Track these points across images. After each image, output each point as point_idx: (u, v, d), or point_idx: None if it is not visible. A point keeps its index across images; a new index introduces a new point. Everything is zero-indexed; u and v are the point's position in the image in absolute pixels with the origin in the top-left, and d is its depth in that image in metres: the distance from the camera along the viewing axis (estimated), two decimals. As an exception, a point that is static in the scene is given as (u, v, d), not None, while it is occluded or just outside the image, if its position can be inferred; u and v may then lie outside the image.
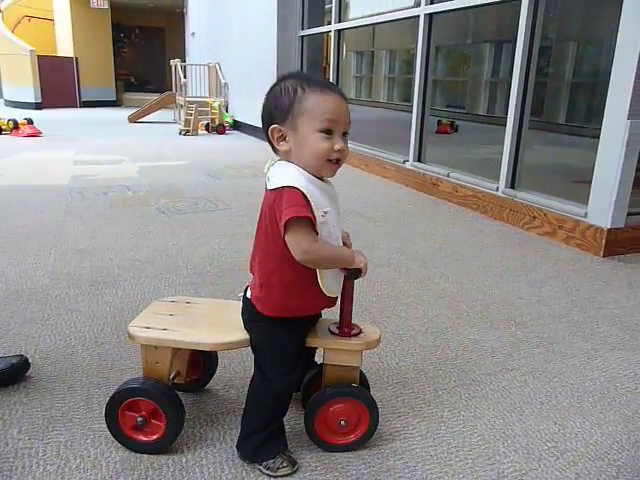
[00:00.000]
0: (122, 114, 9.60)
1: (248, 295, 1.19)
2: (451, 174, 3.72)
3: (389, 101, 13.02)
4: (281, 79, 1.10)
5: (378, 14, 5.24)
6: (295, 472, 1.15)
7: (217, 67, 8.61)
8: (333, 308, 1.20)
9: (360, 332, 1.21)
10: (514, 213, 3.17)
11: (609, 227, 2.62)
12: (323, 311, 1.24)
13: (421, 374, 1.57)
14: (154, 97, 9.56)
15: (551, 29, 9.38)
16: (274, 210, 1.05)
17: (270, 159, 1.15)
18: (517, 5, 3.14)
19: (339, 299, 1.19)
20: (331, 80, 5.63)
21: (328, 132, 1.05)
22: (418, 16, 4.06)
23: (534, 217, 3.03)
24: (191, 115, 7.41)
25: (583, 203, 2.78)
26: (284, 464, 1.14)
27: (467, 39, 11.71)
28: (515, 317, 1.97)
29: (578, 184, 2.84)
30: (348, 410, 1.20)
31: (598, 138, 2.67)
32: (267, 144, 1.14)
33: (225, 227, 3.00)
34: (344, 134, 1.08)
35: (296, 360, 1.17)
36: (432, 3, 3.98)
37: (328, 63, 5.88)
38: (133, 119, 8.98)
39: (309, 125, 1.04)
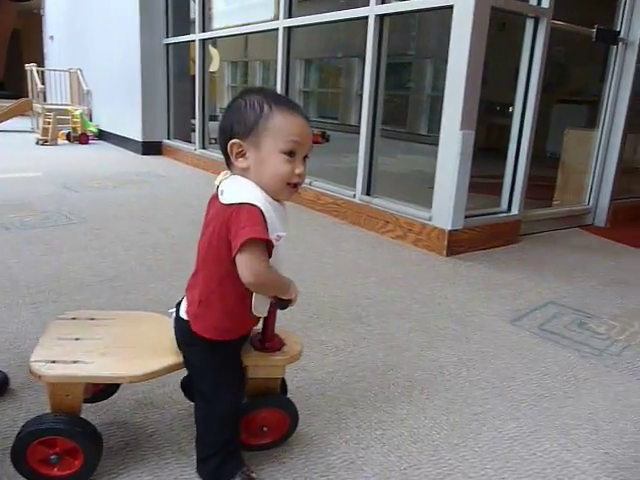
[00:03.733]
0: (-30, 122, 8.73)
1: (182, 314, 1.13)
2: (313, 182, 3.85)
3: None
4: (245, 93, 1.07)
5: (243, 25, 5.29)
6: None
7: (79, 73, 8.15)
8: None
9: (283, 345, 1.21)
10: (370, 218, 3.35)
11: (449, 229, 2.87)
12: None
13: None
14: (8, 104, 8.81)
15: (411, 47, 10.09)
16: (228, 226, 1.00)
17: (223, 172, 1.10)
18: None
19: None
20: (197, 91, 5.58)
21: (291, 154, 1.03)
22: (277, 29, 4.16)
23: (387, 222, 3.23)
24: (49, 124, 6.93)
25: (430, 207, 3.01)
26: None
27: (338, 53, 12.20)
28: (361, 317, 2.08)
29: (432, 190, 3.07)
30: (271, 418, 1.23)
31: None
32: (134, 154, 1.11)
33: (78, 242, 2.84)
34: (304, 158, 1.07)
35: (239, 380, 1.15)
36: (290, 17, 4.10)
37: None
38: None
39: (273, 144, 1.02)
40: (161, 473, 1.19)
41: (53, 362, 1.08)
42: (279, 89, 4.21)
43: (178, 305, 1.18)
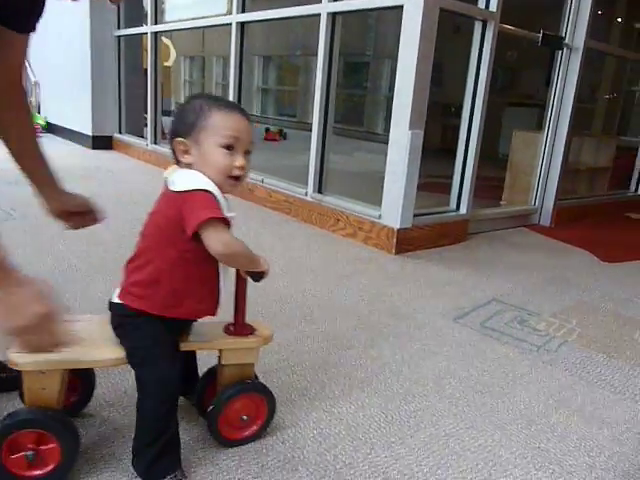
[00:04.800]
0: None
1: (114, 299, 1.15)
2: (265, 180, 3.82)
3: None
4: (190, 97, 1.17)
5: (196, 18, 5.20)
6: None
7: (26, 64, 7.83)
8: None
9: (254, 330, 1.25)
10: (321, 216, 3.35)
11: (398, 227, 2.89)
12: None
13: (205, 378, 1.58)
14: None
15: (369, 47, 10.16)
16: (181, 211, 1.06)
17: (170, 166, 1.16)
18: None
19: (225, 304, 1.21)
20: (149, 85, 5.45)
21: (229, 148, 1.10)
22: (230, 24, 4.10)
23: (338, 220, 3.23)
24: (-7, 115, 6.64)
25: (379, 206, 3.02)
26: None
27: (297, 50, 12.18)
28: (306, 315, 2.07)
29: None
30: (250, 404, 1.26)
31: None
32: (83, 148, 1.10)
33: (17, 238, 2.72)
34: (246, 153, 1.14)
35: (170, 360, 1.13)
36: (244, 12, 4.05)
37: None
38: None
39: (211, 139, 1.10)
40: (120, 476, 1.15)
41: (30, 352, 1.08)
42: (232, 85, 4.16)
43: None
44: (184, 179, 1.10)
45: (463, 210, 3.29)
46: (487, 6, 3.07)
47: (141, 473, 1.14)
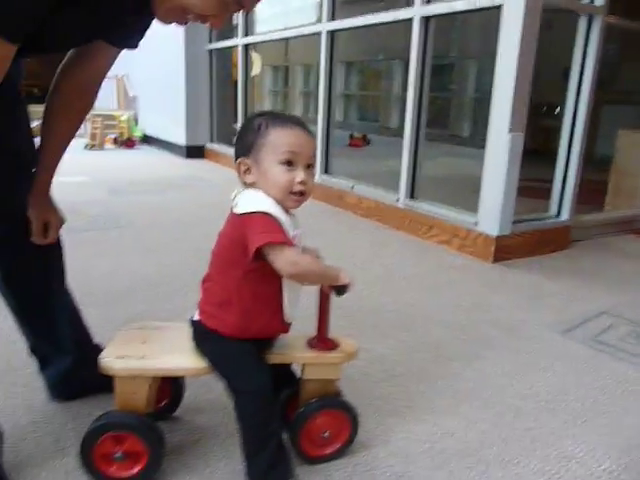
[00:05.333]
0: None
1: (194, 317, 1.19)
2: (355, 186, 3.82)
3: (304, 115, 13.21)
4: (251, 117, 1.17)
5: (285, 29, 5.31)
6: None
7: (125, 79, 8.36)
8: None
9: (338, 345, 1.24)
10: (413, 223, 3.30)
11: (497, 235, 2.79)
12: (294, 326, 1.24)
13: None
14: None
15: (453, 48, 9.94)
16: (243, 234, 1.07)
17: (238, 187, 1.17)
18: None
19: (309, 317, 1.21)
20: (239, 95, 5.64)
21: (289, 164, 1.09)
22: (320, 32, 4.15)
23: (431, 226, 3.17)
24: (97, 129, 7.14)
25: (477, 212, 2.93)
26: None
27: (379, 56, 12.15)
28: (405, 324, 2.04)
29: (476, 194, 3.01)
30: (332, 421, 1.23)
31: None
32: (178, 158, 1.15)
33: (124, 246, 2.90)
34: (308, 167, 1.13)
35: (257, 369, 1.15)
36: (333, 20, 4.08)
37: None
38: (34, 133, 8.49)
39: (270, 158, 1.10)
40: (207, 480, 1.19)
41: (121, 357, 1.15)
42: (322, 93, 4.20)
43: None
44: (245, 201, 1.10)
45: (565, 216, 3.12)
46: (592, 0, 2.90)
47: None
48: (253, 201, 1.09)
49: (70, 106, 1.30)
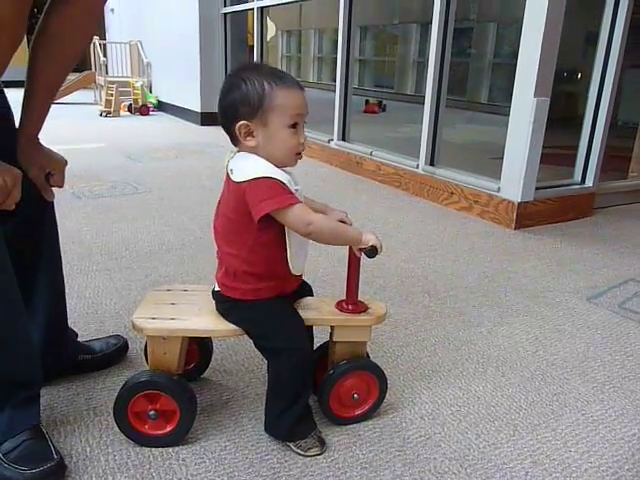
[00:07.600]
0: (37, 95, 9.03)
1: (216, 288, 1.20)
2: (374, 152, 3.77)
3: (318, 81, 13.00)
4: (241, 71, 1.11)
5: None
6: (323, 453, 1.16)
7: (139, 45, 8.26)
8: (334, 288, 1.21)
9: (367, 308, 1.24)
10: (433, 190, 3.26)
11: (519, 201, 2.75)
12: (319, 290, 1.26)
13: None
14: (73, 77, 9.06)
15: (472, 11, 9.66)
16: (246, 201, 1.06)
17: (229, 152, 1.15)
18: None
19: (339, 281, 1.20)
20: (256, 59, 5.54)
21: (295, 126, 1.09)
22: (339, -6, 4.04)
23: (452, 193, 3.13)
24: (112, 96, 7.09)
25: (497, 178, 2.89)
26: (315, 444, 1.17)
27: (394, 20, 11.85)
28: (429, 290, 2.03)
29: (495, 160, 2.96)
30: (361, 383, 1.24)
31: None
32: (193, 125, 1.11)
33: (144, 211, 2.90)
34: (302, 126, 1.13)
35: (294, 327, 1.15)
36: (352, -19, 3.97)
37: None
38: (49, 100, 8.46)
39: (280, 121, 1.07)
40: (238, 439, 1.20)
41: (153, 318, 1.16)
42: (340, 58, 4.12)
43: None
44: (244, 168, 1.09)
45: (589, 183, 3.06)
46: (625, -42, 2.78)
47: (283, 435, 1.18)
48: (252, 167, 1.08)
49: (61, 45, 1.10)
